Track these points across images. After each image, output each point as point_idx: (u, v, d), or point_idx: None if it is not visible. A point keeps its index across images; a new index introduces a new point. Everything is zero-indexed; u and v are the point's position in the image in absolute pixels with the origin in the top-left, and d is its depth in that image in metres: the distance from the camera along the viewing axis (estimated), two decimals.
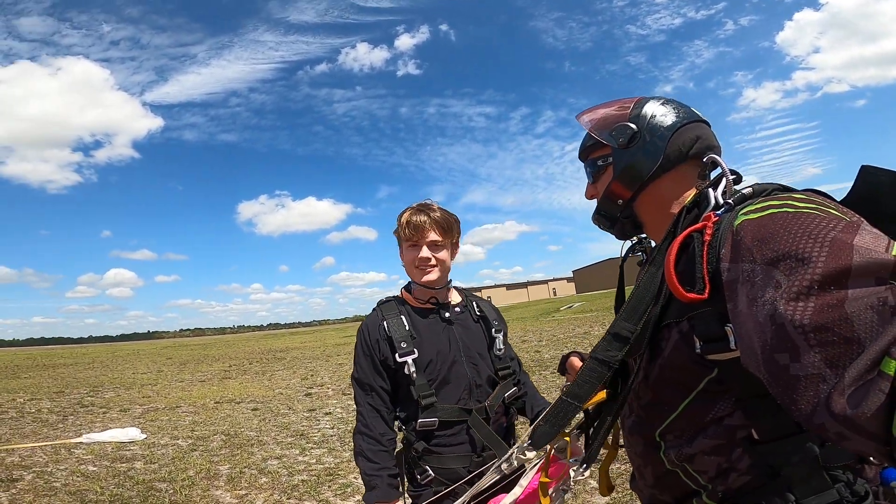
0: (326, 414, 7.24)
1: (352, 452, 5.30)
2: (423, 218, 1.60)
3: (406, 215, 1.63)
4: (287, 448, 5.43)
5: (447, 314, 1.64)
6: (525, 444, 0.91)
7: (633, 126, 0.92)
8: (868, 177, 0.72)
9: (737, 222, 0.70)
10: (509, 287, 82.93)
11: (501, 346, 1.69)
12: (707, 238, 0.73)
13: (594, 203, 1.03)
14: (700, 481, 0.80)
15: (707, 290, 0.71)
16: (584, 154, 1.04)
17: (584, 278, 67.29)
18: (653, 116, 0.91)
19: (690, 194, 0.89)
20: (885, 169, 0.70)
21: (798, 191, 0.74)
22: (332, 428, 6.30)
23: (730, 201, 0.77)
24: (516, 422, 1.75)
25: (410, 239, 1.60)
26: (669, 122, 0.90)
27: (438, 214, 1.63)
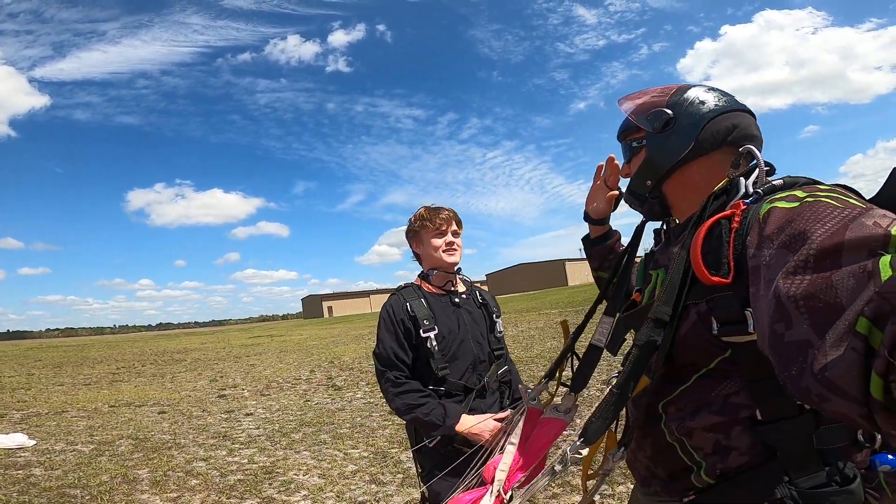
0: (247, 415, 6.88)
1: (286, 452, 5.10)
2: (449, 211, 1.87)
3: (428, 212, 1.85)
4: (211, 450, 5.10)
5: (456, 299, 1.85)
6: (578, 443, 0.87)
7: (668, 112, 0.93)
8: None
9: (763, 210, 0.71)
10: None
11: (501, 329, 1.93)
12: (735, 225, 0.75)
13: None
14: (695, 457, 0.81)
15: (731, 275, 0.73)
16: (622, 135, 1.07)
17: (498, 281, 69.83)
18: (691, 103, 0.93)
19: (722, 181, 0.89)
20: None
21: (825, 183, 0.75)
22: (258, 428, 6.01)
23: (759, 191, 0.78)
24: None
25: (439, 228, 1.82)
26: (706, 110, 0.91)
27: (454, 211, 1.89)
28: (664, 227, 1.09)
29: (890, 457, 0.74)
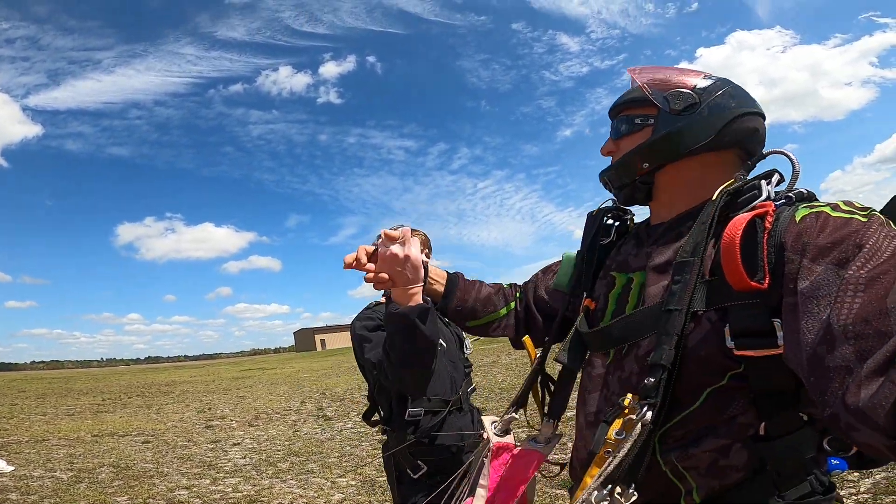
0: (234, 445, 6.72)
1: (272, 481, 4.97)
2: (421, 233, 1.83)
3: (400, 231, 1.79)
4: (195, 478, 4.97)
5: None
6: (613, 491, 0.71)
7: (693, 95, 0.85)
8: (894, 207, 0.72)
9: (801, 213, 0.67)
10: None
11: (470, 347, 1.93)
12: (768, 226, 0.68)
13: (606, 161, 0.95)
14: (688, 479, 0.72)
15: (767, 281, 0.65)
16: (622, 108, 0.94)
17: None
18: (721, 94, 0.85)
19: (727, 182, 0.81)
20: None
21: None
22: (244, 458, 5.86)
23: (791, 195, 0.74)
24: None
25: None
26: (735, 105, 0.84)
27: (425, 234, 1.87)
28: (619, 224, 1.01)
29: (835, 462, 0.75)
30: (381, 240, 1.03)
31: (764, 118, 0.88)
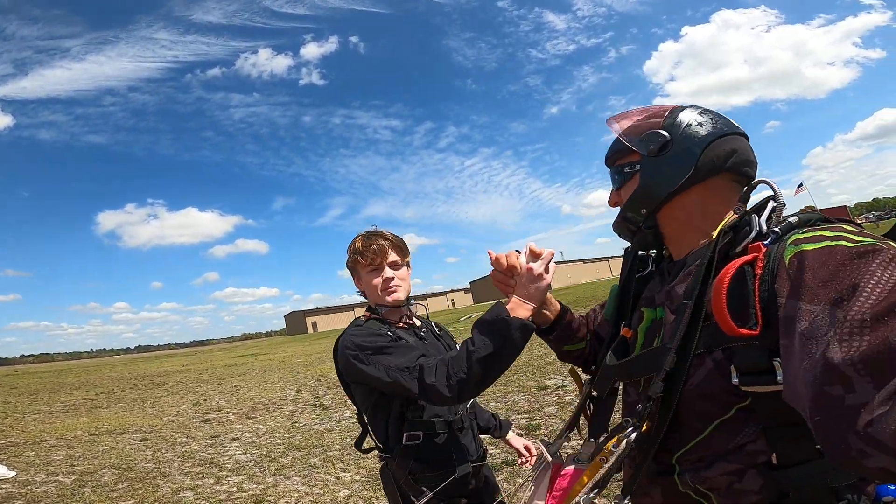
0: (234, 440, 6.77)
1: (276, 478, 4.99)
2: (382, 241, 1.63)
3: (360, 243, 1.64)
4: (198, 478, 5.02)
5: (422, 332, 1.69)
6: (592, 494, 0.83)
7: (665, 134, 0.87)
8: None
9: (788, 254, 0.68)
10: None
11: None
12: (759, 271, 0.71)
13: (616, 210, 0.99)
14: (712, 498, 0.78)
15: (759, 327, 0.68)
16: (612, 160, 0.99)
17: (481, 289, 69.55)
18: (688, 125, 0.87)
19: (724, 213, 0.86)
20: None
21: (847, 221, 0.72)
22: (245, 454, 5.92)
23: (777, 229, 0.74)
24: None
25: (372, 263, 1.61)
26: (705, 133, 0.86)
27: (392, 237, 1.68)
28: (653, 266, 1.04)
29: (891, 487, 0.76)
30: (527, 251, 1.17)
31: (742, 135, 0.89)
